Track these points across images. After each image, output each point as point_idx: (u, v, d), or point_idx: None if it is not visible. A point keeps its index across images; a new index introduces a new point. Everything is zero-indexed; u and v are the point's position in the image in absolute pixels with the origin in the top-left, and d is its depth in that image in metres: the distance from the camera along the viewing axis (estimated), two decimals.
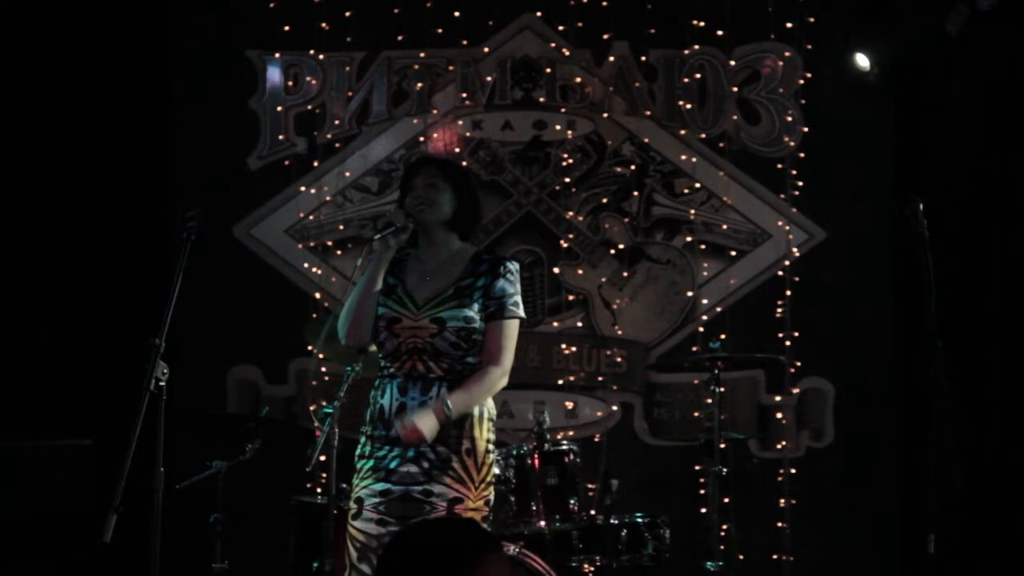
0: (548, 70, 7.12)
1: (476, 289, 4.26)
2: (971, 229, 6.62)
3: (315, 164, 7.08)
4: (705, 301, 7.01)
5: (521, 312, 4.33)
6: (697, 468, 6.66)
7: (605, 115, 7.08)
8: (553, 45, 7.11)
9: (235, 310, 6.91)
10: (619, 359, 7.00)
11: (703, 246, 7.04)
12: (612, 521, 5.67)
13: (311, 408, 6.80)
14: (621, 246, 7.05)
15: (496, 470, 4.46)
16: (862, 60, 6.71)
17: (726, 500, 6.35)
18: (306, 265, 7.04)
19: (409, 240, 4.38)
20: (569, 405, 6.97)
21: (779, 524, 6.79)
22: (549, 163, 7.08)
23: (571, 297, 7.03)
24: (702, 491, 6.59)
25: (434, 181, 4.30)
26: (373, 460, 4.22)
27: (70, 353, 6.60)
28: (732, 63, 7.07)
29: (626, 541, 5.66)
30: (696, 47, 7.06)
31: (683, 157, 7.07)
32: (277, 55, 7.12)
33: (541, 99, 7.10)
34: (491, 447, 4.30)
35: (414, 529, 2.95)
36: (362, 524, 4.20)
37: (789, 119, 7.07)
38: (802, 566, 6.76)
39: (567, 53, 7.11)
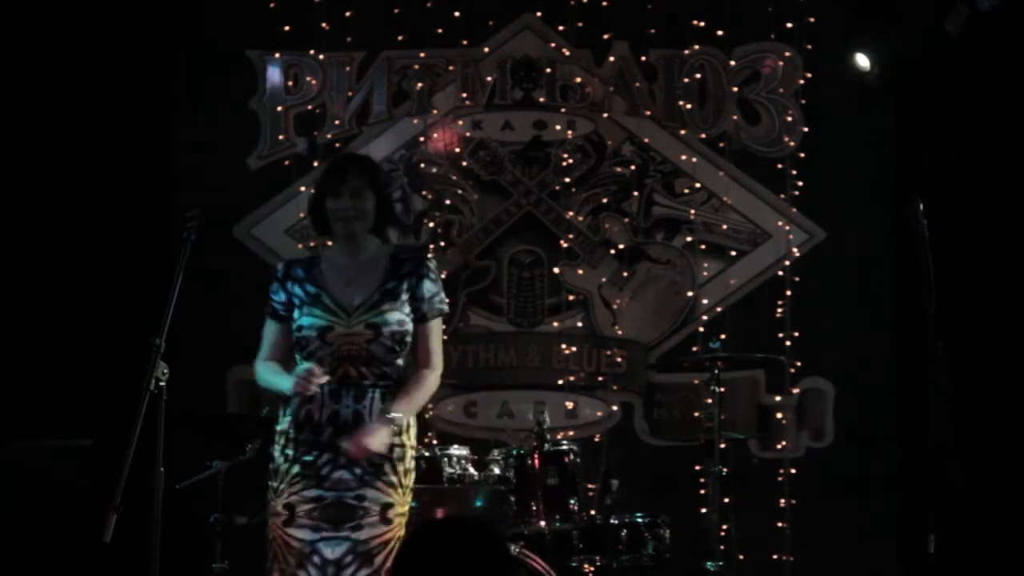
0: (548, 70, 7.12)
1: (403, 291, 4.26)
2: (971, 229, 6.62)
3: (315, 164, 7.08)
4: (705, 301, 7.01)
5: (446, 307, 4.36)
6: (697, 468, 6.66)
7: (605, 115, 7.08)
8: (553, 45, 7.11)
9: (235, 310, 6.87)
10: (619, 359, 7.00)
11: (703, 246, 7.04)
12: (612, 521, 5.67)
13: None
14: (621, 246, 7.05)
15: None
16: (862, 60, 6.71)
17: (726, 500, 6.35)
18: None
19: (320, 234, 4.38)
20: (569, 405, 6.97)
21: (779, 524, 6.78)
22: (549, 163, 7.08)
23: (571, 297, 7.03)
24: (702, 491, 6.59)
25: (361, 189, 4.26)
26: (299, 465, 4.19)
27: (70, 353, 6.60)
28: (732, 63, 7.07)
29: (626, 541, 5.66)
30: (696, 47, 7.06)
31: (683, 157, 7.07)
32: (277, 55, 7.12)
33: (541, 99, 7.10)
34: (413, 453, 4.30)
35: (440, 527, 2.95)
36: (296, 531, 4.17)
37: (789, 119, 7.07)
38: (802, 566, 6.76)
39: (567, 53, 7.11)
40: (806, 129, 7.04)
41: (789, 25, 7.02)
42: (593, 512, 5.73)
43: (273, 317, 4.37)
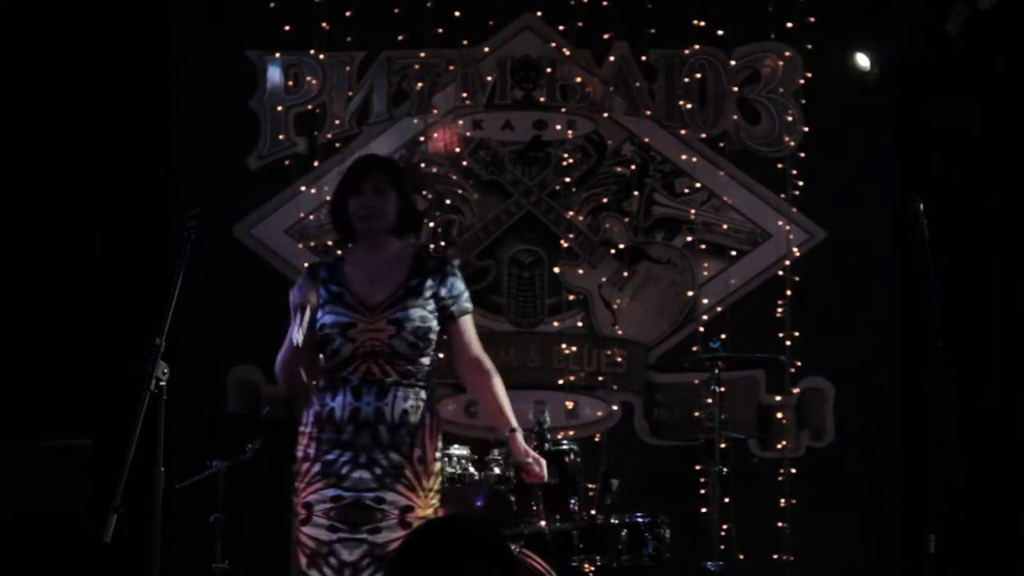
0: (548, 70, 7.12)
1: (426, 289, 4.26)
2: (971, 229, 6.62)
3: (315, 164, 7.08)
4: (705, 301, 7.01)
5: (471, 307, 4.40)
6: (697, 468, 6.66)
7: (605, 115, 7.08)
8: (553, 45, 7.11)
9: (235, 310, 6.90)
10: (619, 359, 7.00)
11: (703, 246, 7.04)
12: (612, 521, 5.67)
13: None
14: (621, 246, 7.04)
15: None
16: (862, 60, 6.70)
17: (726, 500, 6.35)
18: (306, 265, 7.03)
19: (342, 242, 4.40)
20: (569, 405, 6.97)
21: (779, 524, 6.79)
22: (549, 163, 7.08)
23: (571, 297, 7.03)
24: (702, 491, 6.59)
25: (382, 188, 4.27)
26: (320, 464, 4.17)
27: (70, 353, 6.60)
28: (732, 63, 7.07)
29: (626, 541, 5.66)
30: (696, 47, 7.06)
31: (683, 157, 7.07)
32: (277, 55, 7.11)
33: (541, 99, 7.10)
34: (438, 455, 4.30)
35: (433, 529, 2.95)
36: (312, 530, 4.16)
37: (789, 119, 7.07)
38: (802, 566, 6.76)
39: (567, 53, 7.11)
40: (806, 129, 7.04)
41: (789, 25, 7.02)
42: (593, 512, 5.72)
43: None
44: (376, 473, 4.14)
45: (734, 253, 7.03)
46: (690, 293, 7.01)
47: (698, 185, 7.06)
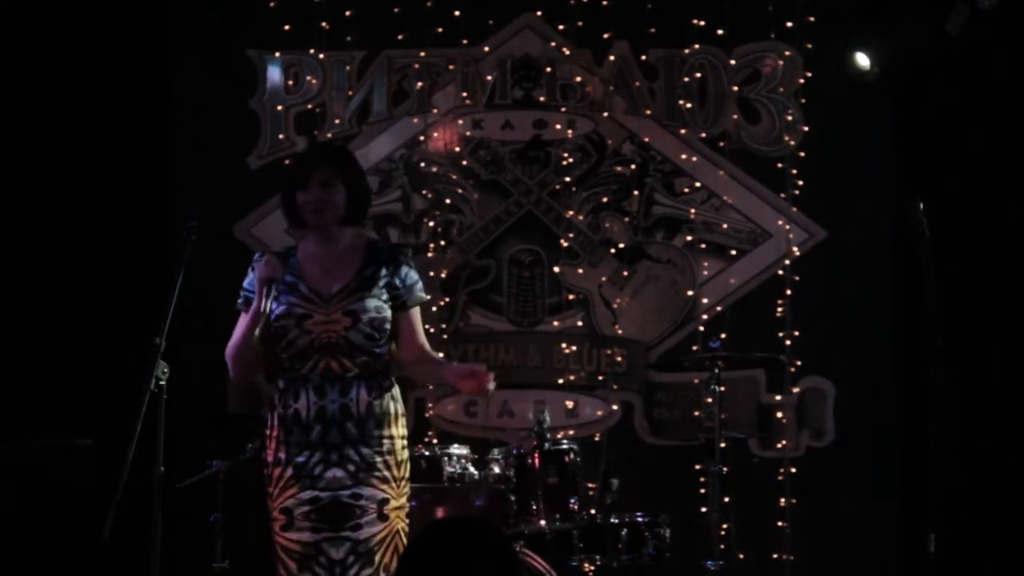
0: (548, 69, 7.12)
1: (380, 278, 4.25)
2: (971, 228, 6.62)
3: None
4: (705, 300, 7.01)
5: (425, 296, 4.40)
6: (697, 467, 6.66)
7: (605, 114, 7.08)
8: (553, 44, 7.12)
9: (235, 310, 6.88)
10: (619, 358, 7.00)
11: (703, 245, 7.04)
12: (612, 521, 5.68)
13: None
14: (621, 245, 7.05)
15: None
16: (862, 60, 6.70)
17: (726, 499, 6.35)
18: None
19: (293, 226, 4.38)
20: (569, 404, 6.97)
21: (779, 524, 6.79)
22: (549, 162, 7.08)
23: (571, 297, 7.03)
24: (702, 490, 6.59)
25: (330, 180, 4.24)
26: (292, 467, 4.17)
27: (70, 353, 6.60)
28: (732, 62, 7.08)
29: (626, 541, 5.67)
30: (696, 46, 7.06)
31: (683, 156, 7.07)
32: (277, 55, 7.12)
33: (541, 98, 7.10)
34: (405, 443, 4.29)
35: (443, 526, 2.96)
36: (296, 534, 4.16)
37: (789, 118, 7.07)
38: (802, 566, 6.76)
39: (567, 52, 7.11)
40: (806, 128, 7.05)
41: (789, 24, 7.02)
42: (593, 511, 5.73)
43: (247, 309, 4.35)
44: (349, 470, 4.14)
45: (734, 253, 7.04)
46: (690, 293, 7.02)
47: (698, 185, 7.06)
